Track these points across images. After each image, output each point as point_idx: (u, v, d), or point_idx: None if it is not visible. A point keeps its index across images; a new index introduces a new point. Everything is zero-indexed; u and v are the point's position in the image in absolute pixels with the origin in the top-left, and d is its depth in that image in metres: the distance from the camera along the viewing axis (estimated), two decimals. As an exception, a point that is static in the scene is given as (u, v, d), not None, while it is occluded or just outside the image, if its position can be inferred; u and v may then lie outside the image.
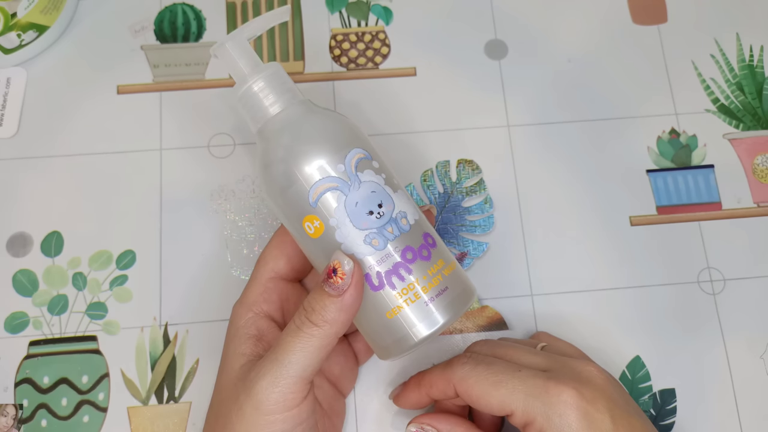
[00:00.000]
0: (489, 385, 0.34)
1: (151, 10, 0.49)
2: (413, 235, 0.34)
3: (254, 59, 0.36)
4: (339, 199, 0.33)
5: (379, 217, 0.33)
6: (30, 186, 0.45)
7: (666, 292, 0.44)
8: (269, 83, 0.35)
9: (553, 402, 0.33)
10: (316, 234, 0.33)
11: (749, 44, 0.50)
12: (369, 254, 0.33)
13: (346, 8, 0.50)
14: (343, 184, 0.33)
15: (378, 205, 0.33)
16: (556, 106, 0.48)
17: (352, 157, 0.34)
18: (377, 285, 0.33)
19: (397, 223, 0.34)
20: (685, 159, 0.47)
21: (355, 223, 0.33)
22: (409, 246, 0.34)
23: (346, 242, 0.33)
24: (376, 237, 0.33)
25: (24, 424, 0.41)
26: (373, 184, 0.34)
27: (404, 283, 0.33)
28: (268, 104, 0.35)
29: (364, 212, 0.33)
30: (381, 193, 0.34)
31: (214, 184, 0.46)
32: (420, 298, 0.33)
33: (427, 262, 0.34)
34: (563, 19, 0.50)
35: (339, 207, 0.33)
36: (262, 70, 0.35)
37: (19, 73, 0.48)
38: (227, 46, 0.35)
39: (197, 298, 0.43)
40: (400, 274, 0.33)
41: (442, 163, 0.46)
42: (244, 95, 0.35)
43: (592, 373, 0.35)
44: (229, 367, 0.35)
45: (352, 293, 0.32)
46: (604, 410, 0.33)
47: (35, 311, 0.43)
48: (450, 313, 0.34)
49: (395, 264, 0.33)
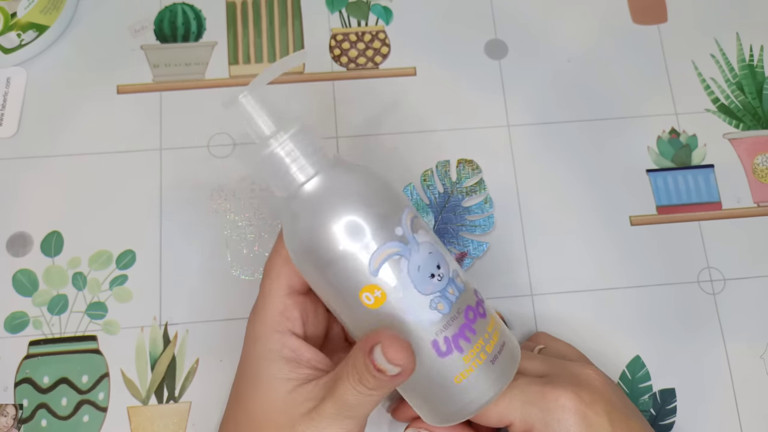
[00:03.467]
0: None
1: (151, 9, 0.49)
2: (468, 293, 0.32)
3: (278, 112, 0.32)
4: (402, 266, 0.30)
5: (440, 279, 0.31)
6: (30, 186, 0.45)
7: (666, 292, 0.44)
8: (299, 142, 0.31)
9: (551, 408, 0.32)
10: (376, 305, 0.31)
11: (749, 44, 0.50)
12: (435, 319, 0.31)
13: (346, 8, 0.50)
14: (404, 248, 0.30)
15: (437, 266, 0.31)
16: (556, 106, 0.48)
17: (407, 217, 0.31)
18: (445, 351, 0.31)
19: (455, 284, 0.32)
20: (685, 159, 0.47)
21: (419, 289, 0.30)
22: (469, 305, 0.32)
23: (410, 310, 0.30)
24: (441, 301, 0.31)
25: (24, 424, 0.41)
26: (430, 245, 0.31)
27: (471, 345, 0.31)
28: (297, 168, 0.31)
29: (426, 276, 0.31)
30: (437, 254, 0.31)
31: (214, 184, 0.46)
32: (486, 358, 0.31)
33: (485, 319, 0.32)
34: (563, 19, 0.50)
35: (402, 273, 0.30)
36: (287, 124, 0.31)
37: (19, 73, 0.48)
38: (242, 102, 0.31)
39: (197, 298, 0.43)
40: (467, 336, 0.31)
41: (442, 163, 0.46)
42: (273, 158, 0.31)
43: (590, 376, 0.35)
44: (273, 392, 0.33)
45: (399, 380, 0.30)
46: (602, 413, 0.33)
47: (35, 311, 0.43)
48: (512, 367, 0.32)
49: (461, 326, 0.31)
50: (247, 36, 0.49)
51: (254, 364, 0.33)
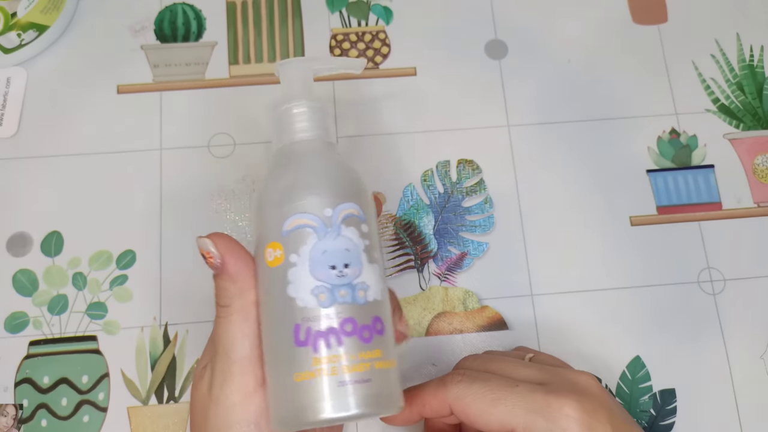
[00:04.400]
0: (487, 403, 0.33)
1: (151, 9, 0.49)
2: (363, 312, 0.31)
3: (311, 87, 0.36)
4: (310, 240, 0.31)
5: (339, 275, 0.31)
6: (30, 186, 0.45)
7: (666, 292, 0.44)
8: (312, 113, 0.35)
9: (555, 417, 0.32)
10: (274, 263, 0.32)
11: (749, 44, 0.50)
12: (310, 305, 0.31)
13: (346, 8, 0.50)
14: (321, 227, 0.31)
15: (345, 264, 0.31)
16: (556, 106, 0.48)
17: (343, 208, 0.32)
18: (302, 340, 0.30)
19: (353, 291, 0.31)
20: (685, 159, 0.47)
21: (312, 270, 0.31)
22: (353, 318, 0.31)
23: (295, 284, 0.31)
24: (325, 293, 0.31)
25: (24, 424, 0.41)
26: (351, 243, 0.32)
27: (328, 352, 0.30)
28: (298, 128, 0.34)
29: (327, 264, 0.31)
30: (354, 255, 0.32)
31: (214, 184, 0.46)
32: (335, 375, 0.30)
33: (364, 344, 0.31)
34: (563, 19, 0.50)
35: (306, 247, 0.31)
36: (312, 98, 0.35)
37: (19, 72, 0.48)
38: (293, 65, 0.36)
39: (197, 298, 0.43)
40: (329, 340, 0.30)
41: (442, 163, 0.46)
42: (284, 112, 0.35)
43: (589, 383, 0.34)
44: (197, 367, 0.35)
45: (229, 261, 0.32)
46: (605, 421, 0.32)
47: (35, 311, 0.43)
48: (365, 406, 0.30)
49: (330, 328, 0.30)
50: (247, 36, 0.49)
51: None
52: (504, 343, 0.43)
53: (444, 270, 0.44)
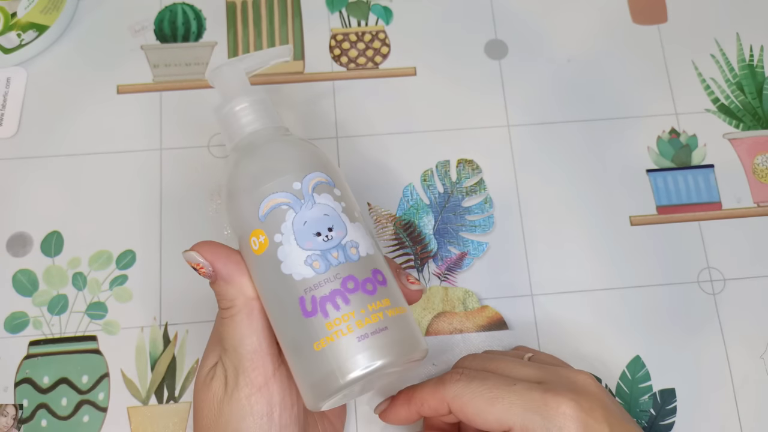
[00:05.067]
0: (485, 401, 0.33)
1: (151, 9, 0.49)
2: (360, 267, 0.32)
3: (245, 83, 0.37)
4: (288, 216, 0.32)
5: (326, 240, 0.31)
6: (30, 186, 0.45)
7: (666, 292, 0.44)
8: (253, 106, 0.36)
9: (552, 415, 0.32)
10: (260, 250, 0.32)
11: (749, 44, 0.50)
12: (308, 276, 0.31)
13: (346, 8, 0.50)
14: (295, 201, 0.32)
15: (328, 228, 0.32)
16: (556, 106, 0.48)
17: (311, 178, 0.33)
18: (310, 311, 0.31)
19: (344, 250, 0.32)
20: (685, 159, 0.47)
21: (299, 242, 0.31)
22: (352, 275, 0.31)
23: (287, 261, 0.31)
24: (318, 259, 0.31)
25: (24, 424, 0.41)
26: (328, 208, 0.32)
27: (338, 313, 0.31)
28: (245, 122, 0.35)
29: (311, 232, 0.32)
30: (334, 218, 0.32)
31: (214, 184, 0.46)
32: (353, 332, 0.30)
33: (370, 296, 0.31)
34: (563, 19, 0.50)
35: (287, 224, 0.32)
36: (250, 93, 0.36)
37: (19, 72, 0.48)
38: (223, 70, 0.37)
39: (197, 298, 0.43)
40: (336, 302, 0.31)
41: (442, 163, 0.46)
42: (228, 113, 0.36)
43: (587, 382, 0.35)
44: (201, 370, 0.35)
45: (219, 266, 0.33)
46: (602, 420, 0.33)
47: (35, 311, 0.43)
48: (387, 355, 0.30)
49: (333, 291, 0.31)
50: (247, 36, 0.49)
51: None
52: (504, 343, 0.43)
53: (444, 270, 0.44)
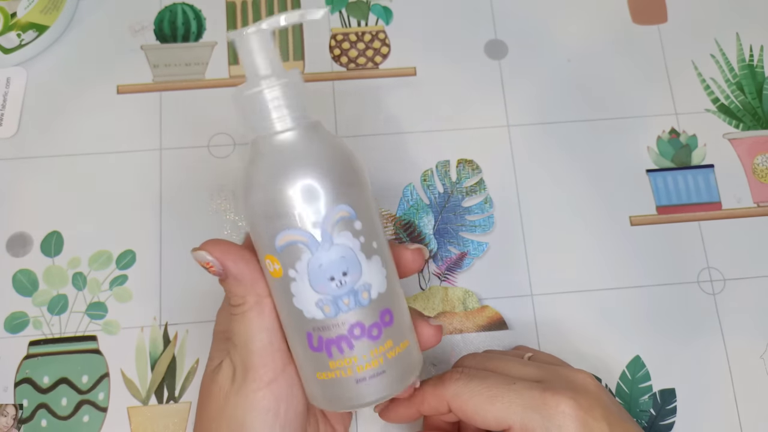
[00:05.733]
0: (484, 400, 0.33)
1: (151, 9, 0.49)
2: (370, 311, 0.31)
3: (276, 60, 0.31)
4: (304, 256, 0.30)
5: (339, 285, 0.30)
6: (30, 186, 0.45)
7: (666, 292, 0.44)
8: (285, 93, 0.31)
9: (551, 414, 0.32)
10: (275, 274, 0.31)
11: (749, 44, 0.50)
12: (317, 317, 0.31)
13: (346, 8, 0.50)
14: (312, 241, 0.30)
15: (342, 273, 0.30)
16: (556, 106, 0.48)
17: (334, 214, 0.30)
18: (316, 347, 0.31)
19: (356, 296, 0.31)
20: (685, 159, 0.47)
21: (312, 284, 0.30)
22: (360, 322, 0.31)
23: (298, 297, 0.31)
24: (329, 305, 0.30)
25: (24, 424, 0.41)
26: (346, 249, 0.31)
27: (342, 357, 0.31)
28: (275, 117, 0.31)
29: (325, 277, 0.30)
30: (350, 260, 0.31)
31: (214, 184, 0.46)
32: (352, 375, 0.31)
33: (374, 341, 0.31)
34: (563, 19, 0.50)
35: (302, 263, 0.30)
36: (281, 75, 0.31)
37: (19, 72, 0.48)
38: (250, 37, 0.31)
39: (197, 298, 0.43)
40: (341, 347, 0.31)
41: (442, 163, 0.46)
42: (252, 98, 0.31)
43: (586, 381, 0.35)
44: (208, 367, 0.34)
45: (229, 264, 0.32)
46: (600, 419, 0.33)
47: (35, 311, 0.43)
48: (380, 392, 0.32)
49: (339, 336, 0.31)
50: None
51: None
52: (504, 343, 0.43)
53: (444, 270, 0.44)
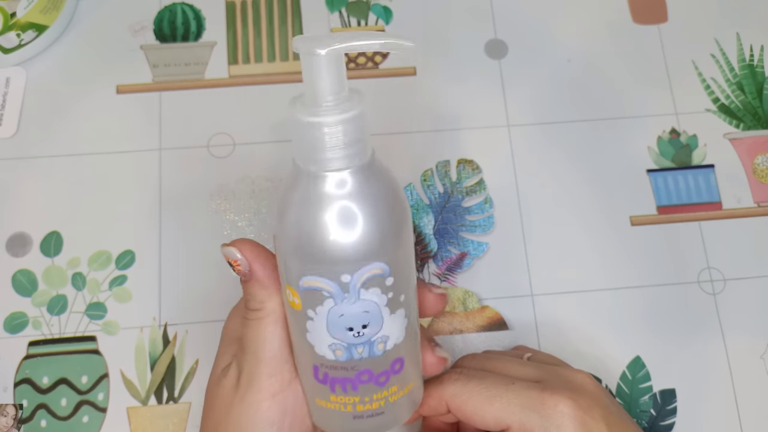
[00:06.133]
0: (483, 400, 0.33)
1: (151, 9, 0.49)
2: (382, 360, 0.31)
3: (343, 86, 0.28)
4: (326, 303, 0.29)
5: (356, 336, 0.30)
6: (30, 186, 0.45)
7: (666, 292, 0.44)
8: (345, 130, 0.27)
9: (550, 414, 0.32)
10: (294, 306, 0.30)
11: (749, 44, 0.50)
12: (328, 357, 0.30)
13: (346, 8, 0.50)
14: (338, 294, 0.29)
15: (363, 325, 0.30)
16: (556, 106, 0.48)
17: (365, 272, 0.29)
18: (320, 379, 0.31)
19: (371, 347, 0.30)
20: (685, 159, 0.47)
21: (329, 330, 0.30)
22: (369, 369, 0.31)
23: (312, 333, 0.30)
24: (341, 349, 0.30)
25: (24, 424, 0.41)
26: (371, 305, 0.29)
27: (344, 395, 0.31)
28: (328, 157, 0.27)
29: (344, 326, 0.30)
30: (373, 315, 0.30)
31: (214, 184, 0.46)
32: (351, 412, 0.31)
33: (379, 387, 0.31)
34: (563, 18, 0.50)
35: (322, 309, 0.29)
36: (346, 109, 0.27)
37: (19, 72, 0.48)
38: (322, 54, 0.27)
39: (197, 298, 0.43)
40: (345, 387, 0.31)
41: (442, 163, 0.46)
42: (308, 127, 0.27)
43: (585, 381, 0.35)
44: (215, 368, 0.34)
45: (257, 267, 0.32)
46: (599, 418, 0.33)
47: (35, 311, 0.43)
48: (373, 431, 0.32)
49: (345, 377, 0.31)
50: (247, 36, 0.49)
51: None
52: (504, 343, 0.43)
53: (444, 270, 0.44)
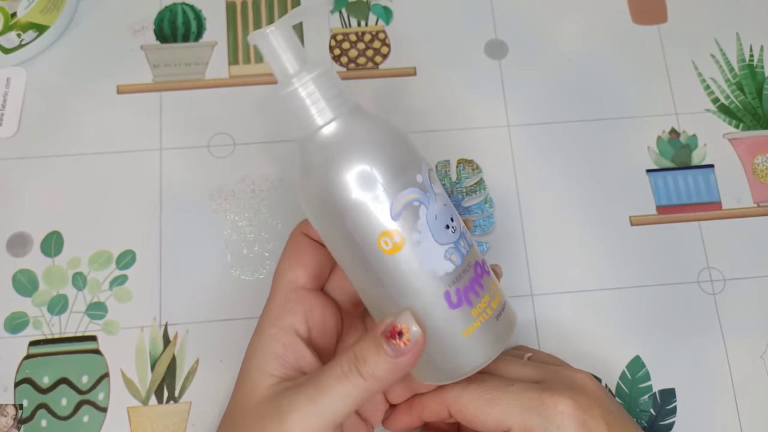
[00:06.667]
0: (483, 403, 0.33)
1: (151, 9, 0.49)
2: (475, 250, 0.33)
3: (301, 54, 0.32)
4: (422, 213, 0.30)
5: (453, 231, 0.31)
6: (30, 186, 0.45)
7: (666, 292, 0.44)
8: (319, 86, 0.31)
9: (550, 414, 0.32)
10: (394, 250, 0.30)
11: (749, 44, 0.50)
12: (449, 270, 0.31)
13: (346, 8, 0.50)
14: (423, 196, 0.31)
15: (451, 218, 0.31)
16: (556, 106, 0.48)
17: (425, 167, 0.31)
18: (456, 303, 0.31)
19: (465, 238, 0.32)
20: (685, 159, 0.47)
21: (436, 238, 0.31)
22: (477, 261, 0.32)
23: (426, 258, 0.31)
24: (454, 252, 0.31)
25: (24, 424, 0.41)
26: (444, 197, 0.32)
27: (479, 299, 0.32)
28: (316, 111, 0.31)
29: (442, 226, 0.31)
30: (450, 207, 0.32)
31: (214, 184, 0.46)
32: (492, 314, 0.32)
33: (489, 277, 0.33)
34: (563, 19, 0.50)
35: (422, 221, 0.30)
36: (310, 68, 0.31)
37: (19, 72, 0.48)
38: (270, 36, 0.31)
39: (197, 298, 0.43)
40: (476, 290, 0.32)
41: (442, 163, 0.46)
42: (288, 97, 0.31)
43: (585, 381, 0.35)
44: (253, 383, 0.33)
45: (410, 359, 0.30)
46: (599, 418, 0.33)
47: (35, 311, 0.43)
48: (511, 329, 0.33)
49: (471, 279, 0.32)
50: (247, 36, 0.49)
51: (249, 354, 0.34)
52: (504, 343, 0.43)
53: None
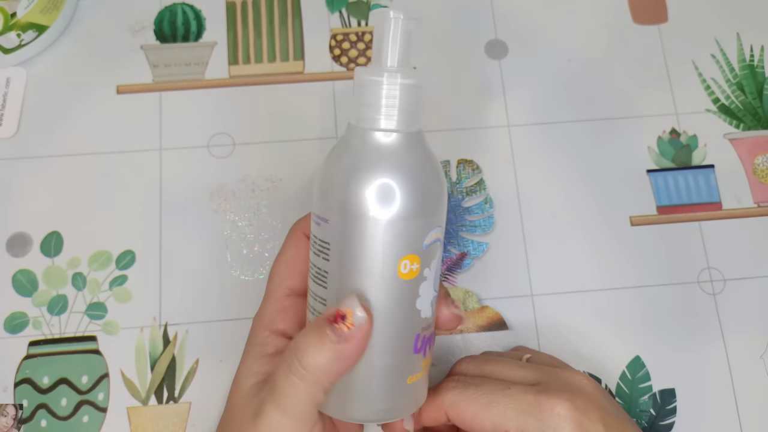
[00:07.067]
0: (480, 407, 0.33)
1: (151, 9, 0.49)
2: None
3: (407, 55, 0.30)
4: (438, 253, 0.30)
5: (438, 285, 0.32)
6: (30, 186, 0.45)
7: (666, 292, 0.44)
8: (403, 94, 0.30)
9: (547, 416, 0.32)
10: (408, 276, 0.29)
11: (750, 44, 0.50)
12: (428, 316, 0.31)
13: (346, 8, 0.50)
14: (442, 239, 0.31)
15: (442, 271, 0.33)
16: (556, 106, 0.48)
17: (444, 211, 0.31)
18: (419, 348, 0.31)
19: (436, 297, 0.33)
20: (685, 159, 0.47)
21: (434, 283, 0.31)
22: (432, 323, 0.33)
23: (422, 297, 0.30)
24: (434, 303, 0.32)
25: (24, 424, 0.41)
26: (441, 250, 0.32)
27: (429, 354, 0.33)
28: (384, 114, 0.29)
29: (439, 274, 0.32)
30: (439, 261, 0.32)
31: (214, 184, 0.46)
32: (427, 373, 0.33)
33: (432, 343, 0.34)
34: (563, 19, 0.50)
35: (436, 261, 0.30)
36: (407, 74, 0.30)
37: (19, 72, 0.48)
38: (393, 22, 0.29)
39: (197, 298, 0.43)
40: (431, 344, 0.33)
41: (442, 163, 0.46)
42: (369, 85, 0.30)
43: (582, 382, 0.35)
44: (241, 383, 0.34)
45: (355, 346, 0.29)
46: (596, 420, 0.33)
47: (35, 311, 0.43)
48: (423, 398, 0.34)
49: (431, 335, 0.32)
50: (247, 36, 0.49)
51: (242, 356, 0.35)
52: (504, 343, 0.43)
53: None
